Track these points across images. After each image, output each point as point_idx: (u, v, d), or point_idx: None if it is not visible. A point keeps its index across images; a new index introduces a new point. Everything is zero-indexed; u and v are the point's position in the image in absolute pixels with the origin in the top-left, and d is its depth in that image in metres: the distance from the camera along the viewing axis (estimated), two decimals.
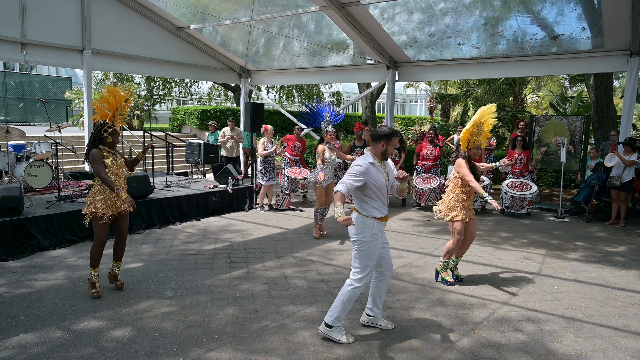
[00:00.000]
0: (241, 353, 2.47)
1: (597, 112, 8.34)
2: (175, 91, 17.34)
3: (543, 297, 3.37)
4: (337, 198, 2.43)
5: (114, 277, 3.33)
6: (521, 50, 6.97)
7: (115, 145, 3.19)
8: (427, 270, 3.94)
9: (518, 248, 4.75)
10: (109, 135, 3.11)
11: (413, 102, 33.02)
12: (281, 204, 6.49)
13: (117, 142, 3.18)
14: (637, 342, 2.72)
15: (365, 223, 2.53)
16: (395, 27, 7.15)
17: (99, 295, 3.15)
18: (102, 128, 3.12)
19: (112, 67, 8.63)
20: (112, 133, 3.12)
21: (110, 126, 3.13)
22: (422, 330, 2.80)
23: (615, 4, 5.52)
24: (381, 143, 2.56)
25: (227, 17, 7.73)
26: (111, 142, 3.13)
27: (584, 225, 5.98)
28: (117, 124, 3.18)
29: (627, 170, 5.85)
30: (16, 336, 2.59)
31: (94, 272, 3.18)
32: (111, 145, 3.16)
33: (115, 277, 3.33)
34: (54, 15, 6.77)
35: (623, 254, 4.61)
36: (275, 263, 4.05)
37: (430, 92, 20.31)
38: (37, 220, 4.27)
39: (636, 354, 2.58)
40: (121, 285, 3.32)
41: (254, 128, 6.61)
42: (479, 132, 3.41)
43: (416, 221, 6.00)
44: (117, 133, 3.15)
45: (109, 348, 2.48)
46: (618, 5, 5.50)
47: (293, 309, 3.05)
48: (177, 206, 5.59)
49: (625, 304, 3.30)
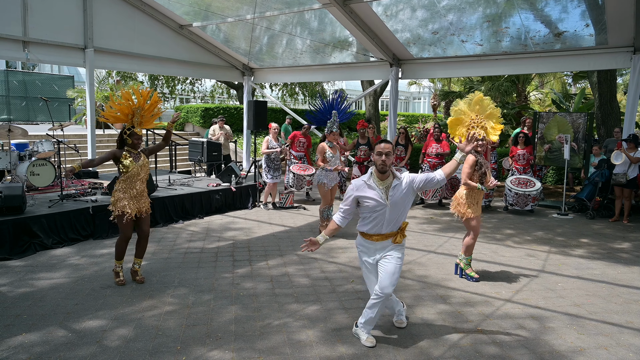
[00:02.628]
0: (244, 351, 2.47)
1: (601, 109, 8.29)
2: (179, 89, 17.34)
3: (546, 294, 3.36)
4: (328, 227, 2.50)
5: (135, 273, 3.47)
6: (524, 47, 6.93)
7: (137, 146, 3.33)
8: (431, 268, 3.93)
9: (521, 245, 4.74)
10: (128, 137, 3.28)
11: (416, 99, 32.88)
12: (284, 202, 6.48)
13: (138, 143, 3.32)
14: None
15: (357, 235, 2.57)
16: (398, 24, 7.12)
17: (123, 283, 3.34)
18: (123, 130, 3.30)
19: (115, 65, 8.63)
20: (130, 135, 3.28)
21: (129, 128, 3.28)
22: (426, 328, 2.79)
23: (619, 0, 5.46)
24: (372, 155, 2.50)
25: (230, 14, 7.70)
26: (131, 143, 3.30)
27: (587, 222, 5.96)
28: (139, 126, 3.31)
29: (632, 167, 5.83)
30: (19, 335, 2.59)
31: (119, 264, 3.40)
32: (133, 146, 3.31)
33: (136, 273, 3.46)
34: (55, 14, 6.78)
35: (626, 251, 4.59)
36: (279, 261, 4.06)
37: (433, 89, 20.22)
38: (40, 219, 4.28)
39: (639, 350, 2.58)
40: (142, 280, 3.43)
41: (257, 126, 6.60)
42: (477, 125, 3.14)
43: (420, 219, 5.98)
44: (136, 135, 3.28)
45: (112, 347, 2.49)
46: (622, 1, 5.45)
47: (296, 307, 3.05)
48: (180, 204, 5.60)
49: (629, 300, 3.28)
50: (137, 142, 3.30)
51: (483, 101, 3.17)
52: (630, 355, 2.52)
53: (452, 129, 3.28)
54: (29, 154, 5.88)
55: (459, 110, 3.23)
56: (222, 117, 8.28)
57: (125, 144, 3.30)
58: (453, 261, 4.07)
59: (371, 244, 2.49)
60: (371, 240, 2.48)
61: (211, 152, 7.21)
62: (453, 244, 4.73)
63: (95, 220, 4.69)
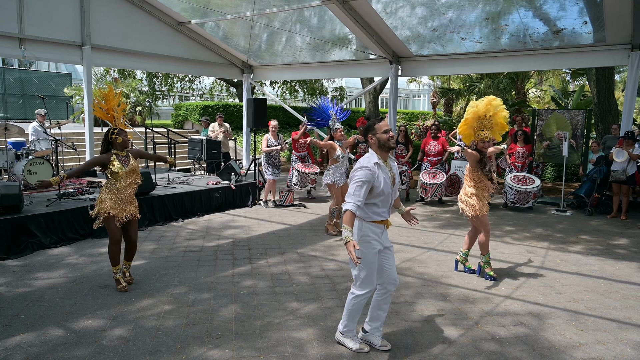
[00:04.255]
0: (245, 350, 2.46)
1: (599, 106, 8.30)
2: (177, 87, 17.25)
3: (545, 291, 3.37)
4: (346, 218, 2.18)
5: (123, 274, 3.40)
6: (523, 45, 6.93)
7: (127, 144, 3.20)
8: (431, 265, 3.94)
9: (521, 242, 4.75)
10: (117, 137, 3.15)
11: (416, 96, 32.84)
12: (285, 199, 6.47)
13: (127, 140, 3.20)
14: (638, 334, 2.73)
15: (355, 224, 2.31)
16: (397, 21, 7.10)
17: (125, 289, 3.24)
18: (108, 132, 3.18)
19: (113, 63, 8.57)
20: (119, 133, 3.17)
21: (115, 128, 3.18)
22: (426, 325, 2.80)
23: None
24: (369, 138, 2.33)
25: (229, 11, 7.65)
26: (122, 142, 3.18)
27: (585, 218, 5.98)
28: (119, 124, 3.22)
29: (630, 164, 5.85)
30: (16, 336, 2.57)
31: (116, 269, 3.28)
32: (123, 146, 3.18)
33: (124, 274, 3.41)
34: (52, 10, 6.71)
35: (624, 247, 4.61)
36: (279, 259, 4.05)
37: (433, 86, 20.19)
38: (38, 218, 4.26)
39: (637, 345, 2.59)
40: (131, 281, 3.38)
41: (257, 124, 6.58)
42: (485, 126, 3.38)
43: (420, 216, 5.99)
44: (124, 132, 3.19)
45: (111, 347, 2.47)
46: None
47: (297, 306, 3.04)
48: (179, 203, 5.58)
49: (627, 296, 3.30)
50: (127, 140, 3.17)
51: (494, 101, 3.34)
52: (628, 350, 2.53)
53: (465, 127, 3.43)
54: (26, 153, 5.84)
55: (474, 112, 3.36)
56: (221, 114, 8.22)
57: (114, 146, 3.15)
58: (453, 258, 4.08)
59: (380, 228, 2.37)
60: (381, 225, 2.37)
61: (210, 150, 7.18)
62: (453, 241, 4.73)
63: (93, 219, 4.66)
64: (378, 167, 2.30)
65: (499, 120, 3.35)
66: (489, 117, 3.35)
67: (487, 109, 3.34)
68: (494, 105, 3.33)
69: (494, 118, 3.35)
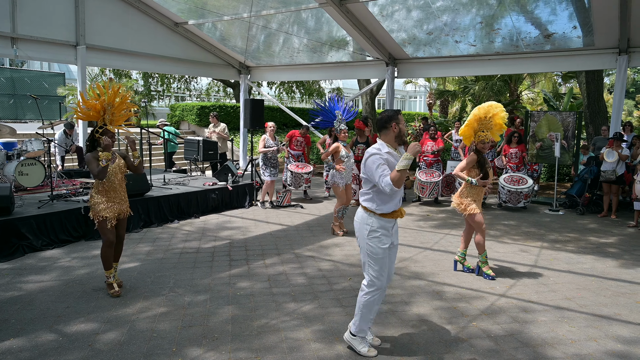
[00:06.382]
0: (241, 352, 2.45)
1: (589, 108, 8.48)
2: (174, 87, 17.13)
3: (539, 289, 3.42)
4: (394, 175, 2.19)
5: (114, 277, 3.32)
6: (516, 48, 7.05)
7: (108, 148, 3.11)
8: (427, 265, 3.97)
9: (515, 241, 4.81)
10: (101, 136, 3.07)
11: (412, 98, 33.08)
12: (282, 200, 6.47)
13: (109, 144, 3.09)
14: (628, 330, 2.78)
15: (364, 218, 2.35)
16: (394, 24, 7.17)
17: (118, 294, 3.14)
18: (94, 130, 3.09)
19: (108, 63, 8.50)
20: (104, 132, 3.07)
21: (101, 126, 3.08)
22: (422, 323, 2.82)
23: (605, 4, 5.62)
24: (392, 125, 2.33)
25: (227, 12, 7.65)
26: (105, 143, 3.08)
27: (577, 217, 6.07)
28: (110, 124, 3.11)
29: (620, 164, 5.98)
30: (6, 340, 2.51)
31: (109, 274, 3.20)
32: (106, 147, 3.09)
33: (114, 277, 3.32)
34: (46, 9, 6.65)
35: (614, 245, 4.70)
36: (276, 260, 4.05)
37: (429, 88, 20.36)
38: (29, 220, 4.17)
39: (627, 341, 2.64)
40: (120, 283, 3.31)
41: (254, 124, 6.57)
42: (485, 127, 3.52)
43: (416, 216, 6.03)
44: (109, 132, 3.09)
45: (104, 350, 2.42)
46: (607, 5, 5.60)
47: (294, 306, 3.05)
48: (175, 204, 5.55)
49: (617, 293, 3.37)
50: (109, 144, 3.07)
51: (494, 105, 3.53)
52: (618, 346, 2.58)
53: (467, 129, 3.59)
54: (17, 154, 5.75)
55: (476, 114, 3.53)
56: (215, 114, 8.06)
57: (99, 144, 3.07)
58: (449, 258, 4.13)
59: (390, 222, 2.35)
60: (392, 218, 2.35)
61: (207, 150, 7.16)
62: (449, 241, 4.77)
63: (87, 220, 4.62)
64: (390, 155, 2.32)
65: (498, 121, 3.50)
66: (489, 118, 3.50)
67: (488, 111, 3.49)
68: (494, 107, 3.51)
69: (493, 119, 3.50)
